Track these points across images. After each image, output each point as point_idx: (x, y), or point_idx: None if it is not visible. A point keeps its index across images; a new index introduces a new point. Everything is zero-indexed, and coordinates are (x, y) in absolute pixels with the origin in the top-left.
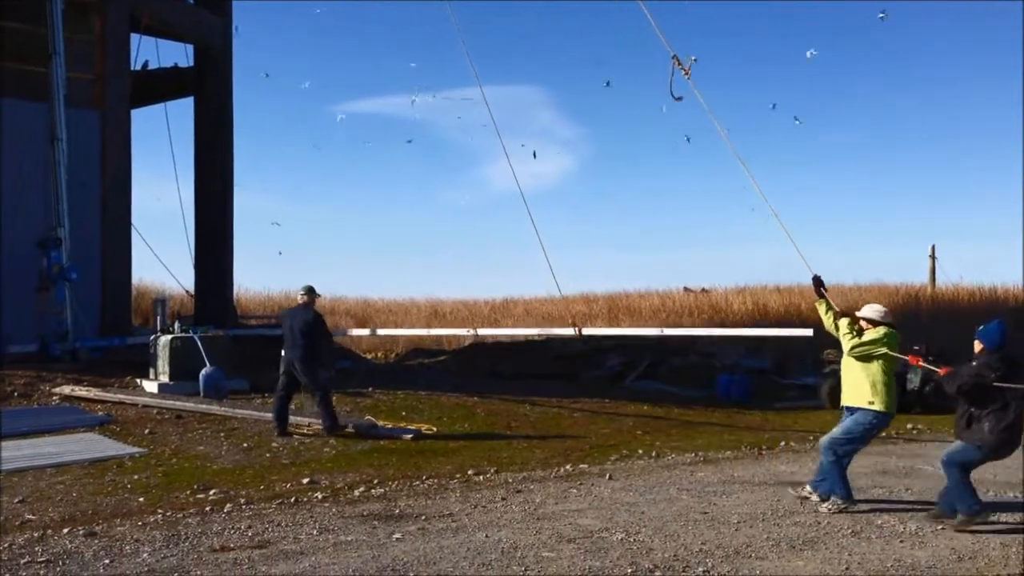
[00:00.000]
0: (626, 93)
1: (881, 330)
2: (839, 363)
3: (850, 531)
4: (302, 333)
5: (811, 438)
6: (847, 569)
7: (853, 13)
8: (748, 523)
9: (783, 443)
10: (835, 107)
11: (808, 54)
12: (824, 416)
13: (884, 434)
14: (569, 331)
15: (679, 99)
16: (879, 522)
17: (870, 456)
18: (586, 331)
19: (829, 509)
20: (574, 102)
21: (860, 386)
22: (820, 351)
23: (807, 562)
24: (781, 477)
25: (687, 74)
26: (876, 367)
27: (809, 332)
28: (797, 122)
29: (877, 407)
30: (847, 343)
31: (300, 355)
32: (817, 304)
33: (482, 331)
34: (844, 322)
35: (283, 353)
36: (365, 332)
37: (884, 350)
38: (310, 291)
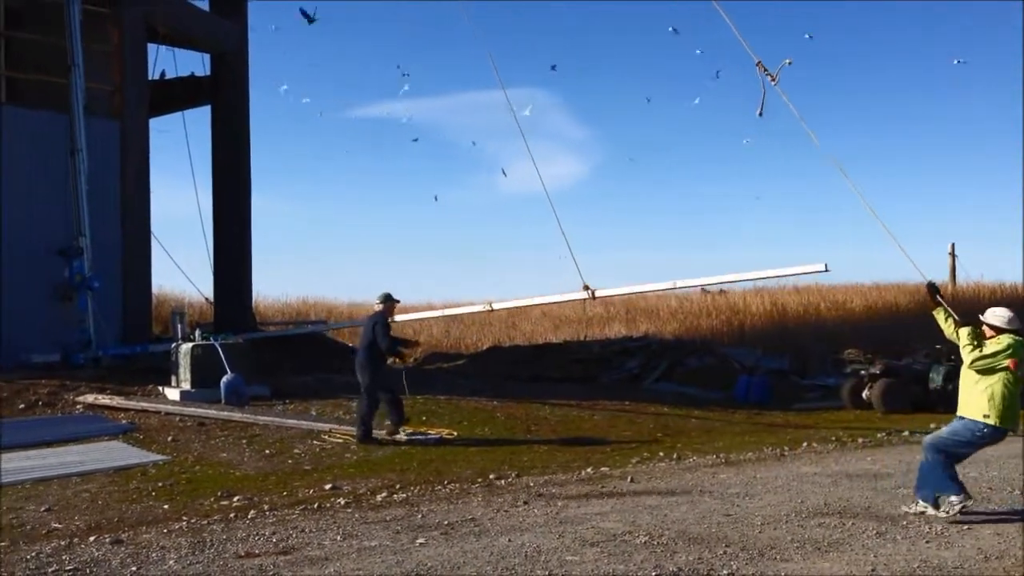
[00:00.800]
0: (638, 95)
1: (1005, 340)
2: (860, 363)
3: (875, 532)
4: (366, 339)
5: (833, 439)
6: (873, 570)
7: (860, 9)
8: (772, 524)
9: (805, 444)
10: (850, 107)
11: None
12: (846, 416)
13: (907, 433)
14: (582, 295)
15: (760, 115)
16: (904, 522)
17: (894, 455)
18: (600, 293)
19: (947, 512)
20: (585, 105)
21: (977, 398)
22: (840, 351)
23: (833, 563)
24: (804, 478)
25: (774, 80)
26: (997, 379)
27: (821, 267)
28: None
29: (992, 421)
30: (967, 356)
31: (362, 358)
32: (935, 313)
33: (497, 305)
34: (965, 332)
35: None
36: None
37: (1007, 363)
38: (386, 298)
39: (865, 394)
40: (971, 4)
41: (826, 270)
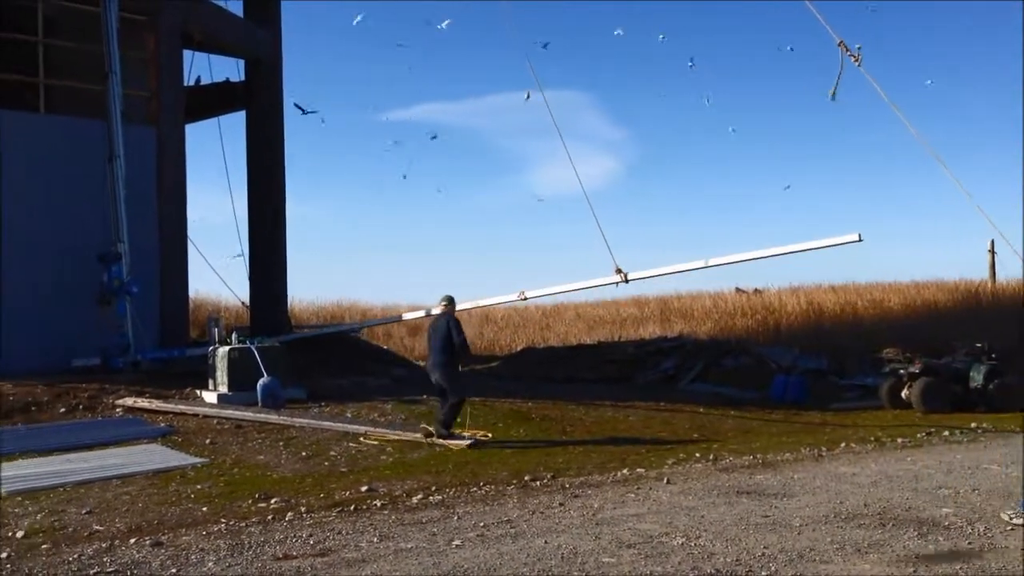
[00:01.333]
0: (670, 92)
1: None
2: (899, 362)
3: (916, 533)
4: (441, 341)
5: (872, 439)
6: (913, 571)
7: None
8: (811, 526)
9: (843, 444)
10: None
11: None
12: (884, 416)
13: (948, 432)
14: (615, 278)
15: (834, 97)
16: (946, 523)
17: (934, 455)
18: (632, 276)
19: None
20: (618, 104)
21: None
22: (878, 350)
23: (873, 565)
24: (843, 479)
25: (857, 61)
26: None
27: (854, 236)
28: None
29: None
30: None
31: (438, 361)
32: None
33: (530, 293)
34: None
35: (428, 361)
36: (419, 314)
37: None
38: (449, 300)
39: (904, 393)
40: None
41: (859, 239)
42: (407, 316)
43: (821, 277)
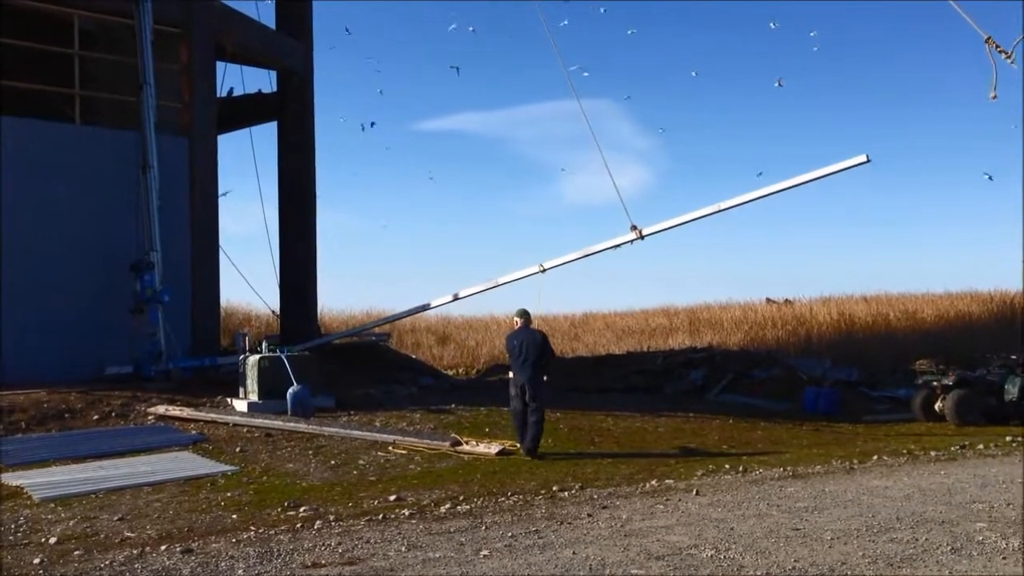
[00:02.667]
0: (701, 101)
1: None
2: (932, 374)
3: (949, 548)
4: (534, 354)
5: (905, 452)
6: None
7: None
8: (842, 540)
9: (875, 457)
10: (919, 109)
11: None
12: (917, 429)
13: (982, 446)
14: (630, 236)
15: (994, 97)
16: (980, 538)
17: (968, 469)
18: (647, 231)
19: None
20: (649, 113)
21: None
22: (910, 361)
23: None
24: (875, 492)
25: (1010, 59)
26: None
27: (862, 158)
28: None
29: None
30: None
31: (530, 375)
32: None
33: (548, 264)
34: None
35: (511, 375)
36: (447, 299)
37: None
38: (525, 313)
39: (938, 406)
40: None
41: (867, 160)
42: (435, 304)
43: (853, 288)
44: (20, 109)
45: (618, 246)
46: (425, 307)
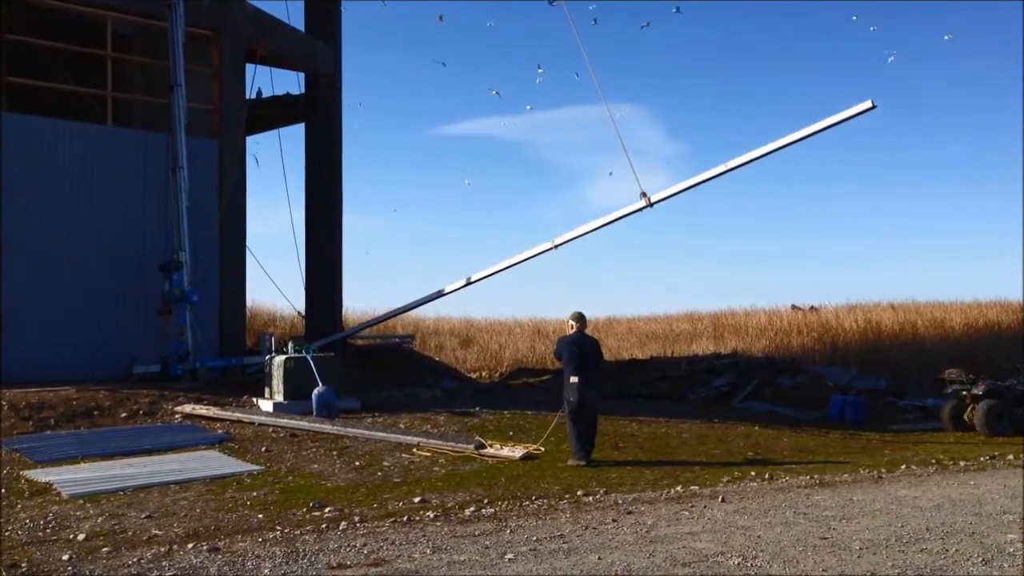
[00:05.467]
0: (728, 108)
1: None
2: (961, 383)
3: (980, 559)
4: (591, 360)
5: (933, 462)
6: None
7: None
8: (871, 550)
9: (903, 467)
10: (942, 118)
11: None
12: (946, 439)
13: (1012, 456)
14: (640, 203)
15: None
16: (1011, 550)
17: (998, 480)
18: (655, 197)
19: None
20: (675, 119)
21: None
22: (939, 370)
23: None
24: (904, 502)
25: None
26: None
27: (867, 104)
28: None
29: None
30: None
31: (589, 381)
32: None
33: (559, 239)
34: None
35: (569, 380)
36: (460, 284)
37: None
38: (580, 317)
39: (967, 416)
40: None
41: (873, 106)
42: (448, 289)
43: (879, 295)
44: (53, 110)
45: (629, 214)
46: (439, 294)
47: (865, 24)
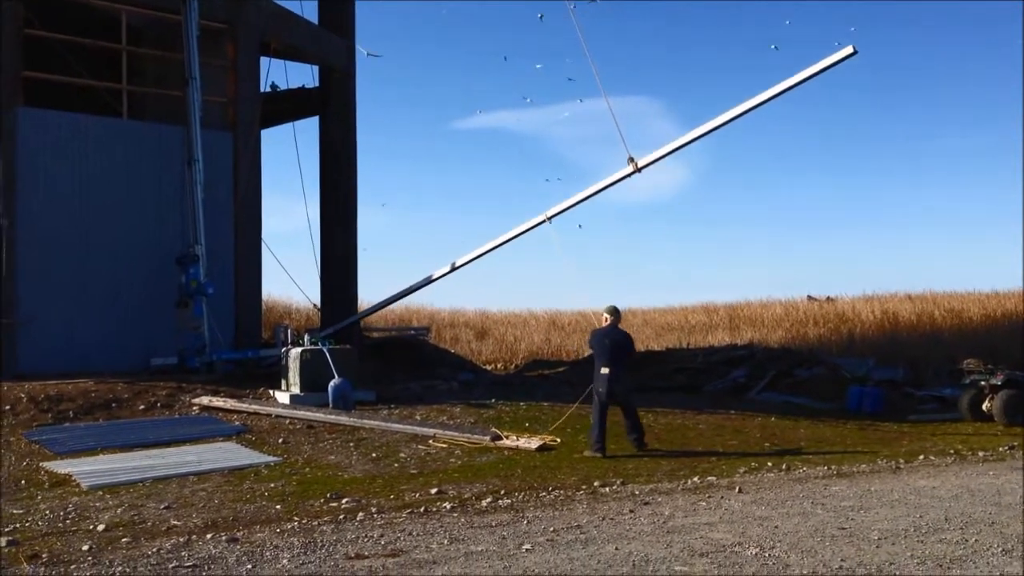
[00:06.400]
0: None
1: None
2: (980, 373)
3: (1000, 549)
4: (622, 353)
5: (952, 452)
6: None
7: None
8: (890, 540)
9: (922, 457)
10: (963, 106)
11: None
12: (965, 429)
13: None
14: (628, 169)
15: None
16: None
17: (1018, 470)
18: (642, 162)
19: None
20: (690, 112)
21: None
22: (957, 361)
23: None
24: (922, 492)
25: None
26: None
27: (849, 50)
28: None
29: None
30: None
31: (618, 374)
32: None
33: (551, 212)
34: None
35: (599, 371)
36: (445, 270)
37: None
38: (615, 311)
39: (986, 406)
40: None
41: (854, 52)
42: (436, 275)
43: (896, 286)
44: (68, 104)
45: (618, 181)
46: (428, 281)
47: (895, 19)
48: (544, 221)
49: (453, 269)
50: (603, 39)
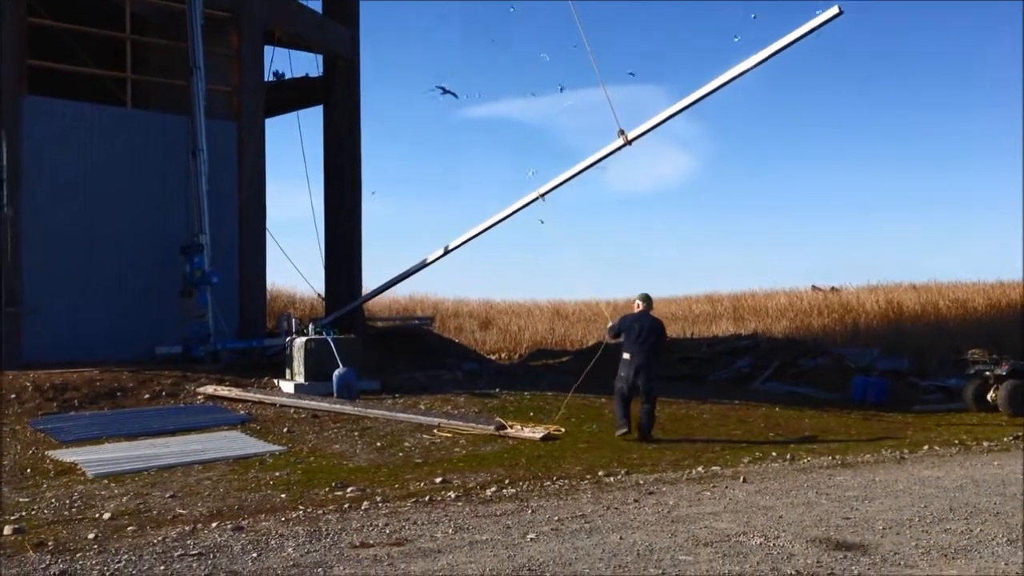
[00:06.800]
0: (746, 88)
1: None
2: (985, 364)
3: (1005, 539)
4: (653, 341)
5: (956, 442)
6: None
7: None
8: (894, 529)
9: (926, 447)
10: (968, 94)
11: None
12: (969, 419)
13: None
14: (618, 141)
15: None
16: None
17: (1021, 459)
18: (632, 134)
19: None
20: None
21: None
22: (962, 351)
23: (961, 571)
24: (927, 482)
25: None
26: None
27: (834, 10)
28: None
29: None
30: None
31: (647, 361)
32: None
33: (543, 188)
34: None
35: (625, 357)
36: (439, 253)
37: None
38: (648, 298)
39: (990, 396)
40: None
41: (840, 13)
42: (430, 259)
43: (901, 276)
44: (73, 93)
45: (609, 154)
46: (423, 265)
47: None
48: (537, 198)
49: (447, 252)
50: (614, 29)
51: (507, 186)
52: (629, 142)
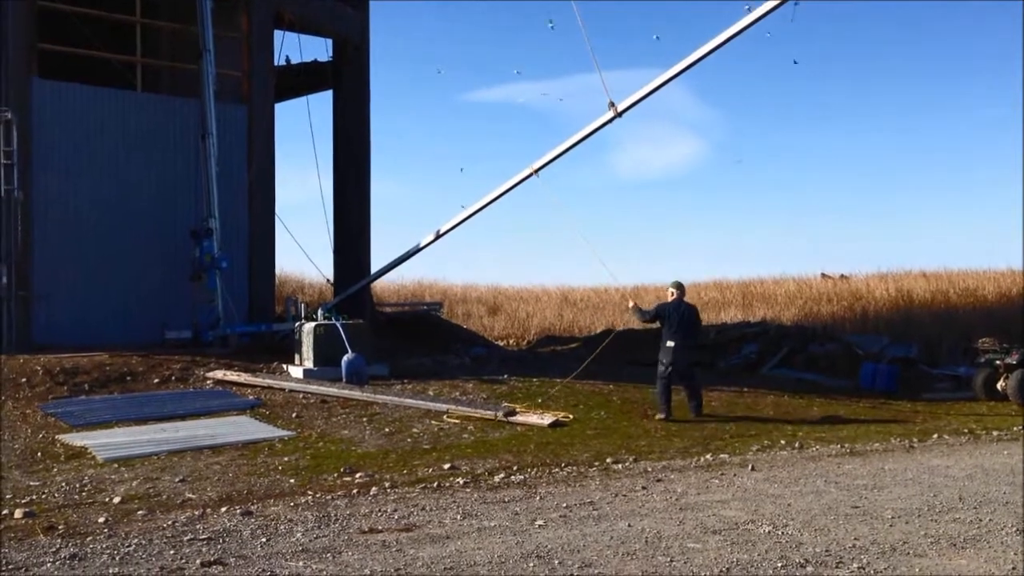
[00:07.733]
0: (757, 71)
1: None
2: (995, 352)
3: (1015, 529)
4: (690, 326)
5: (966, 431)
6: (1013, 568)
7: None
8: (903, 519)
9: (936, 436)
10: (979, 82)
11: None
12: (979, 408)
13: None
14: (608, 115)
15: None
16: None
17: None
18: (621, 106)
19: None
20: (704, 84)
21: None
22: (971, 339)
23: (970, 560)
24: (936, 471)
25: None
26: None
27: None
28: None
29: None
30: None
31: (688, 346)
32: None
33: (537, 164)
34: None
35: (665, 344)
36: (430, 238)
37: None
38: (680, 286)
39: (1000, 385)
40: None
41: None
42: (424, 243)
43: (911, 263)
44: (83, 76)
45: (600, 127)
46: (416, 250)
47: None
48: (531, 174)
49: (438, 236)
50: (622, 14)
51: (516, 168)
52: (619, 114)
